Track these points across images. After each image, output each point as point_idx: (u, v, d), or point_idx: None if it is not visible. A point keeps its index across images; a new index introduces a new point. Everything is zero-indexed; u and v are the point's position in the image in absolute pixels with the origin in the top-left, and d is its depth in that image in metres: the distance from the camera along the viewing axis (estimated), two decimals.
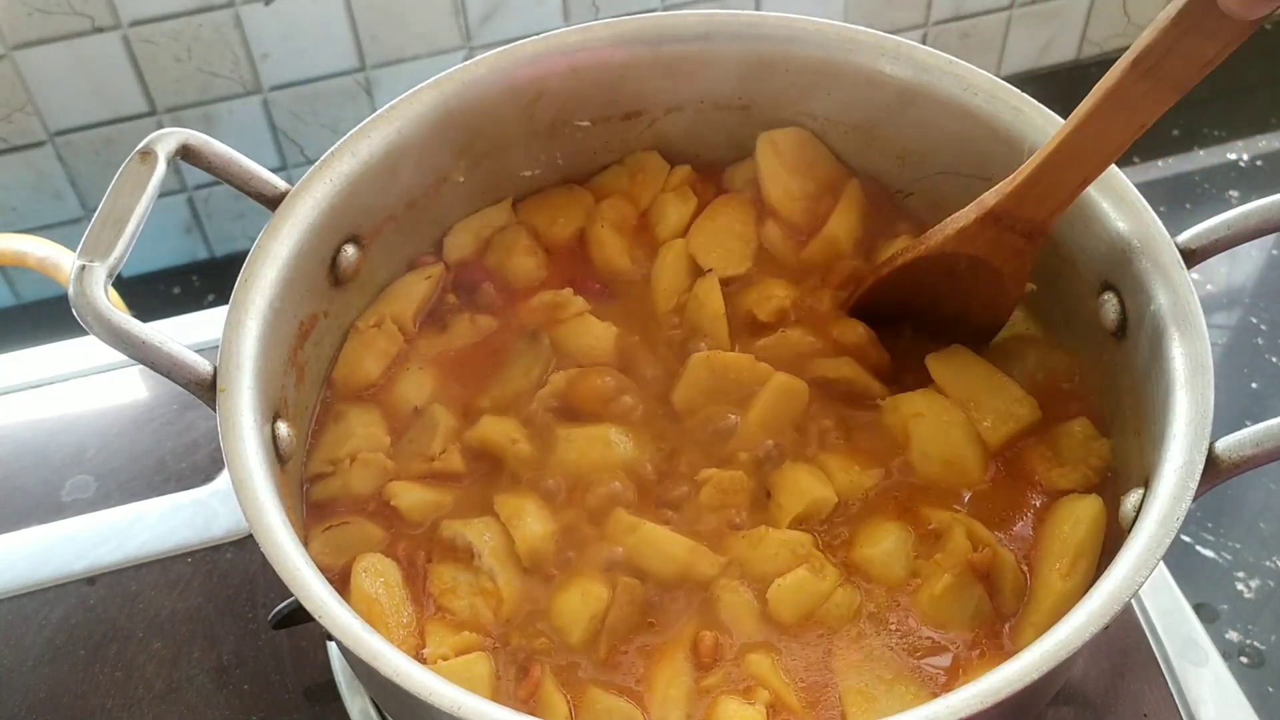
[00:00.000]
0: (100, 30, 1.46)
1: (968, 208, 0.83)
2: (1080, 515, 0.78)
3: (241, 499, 0.70)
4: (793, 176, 0.97)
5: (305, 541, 0.80)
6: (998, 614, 0.78)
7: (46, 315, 1.63)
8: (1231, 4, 0.64)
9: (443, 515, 0.84)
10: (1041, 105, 0.86)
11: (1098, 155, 0.76)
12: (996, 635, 0.77)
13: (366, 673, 0.75)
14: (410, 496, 0.83)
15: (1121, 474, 0.82)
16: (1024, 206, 0.80)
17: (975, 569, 0.78)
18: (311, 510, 0.84)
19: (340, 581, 0.79)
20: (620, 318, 0.93)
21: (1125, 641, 0.92)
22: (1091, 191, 0.83)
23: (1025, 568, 0.80)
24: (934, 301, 0.89)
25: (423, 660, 0.76)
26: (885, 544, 0.81)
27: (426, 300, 0.94)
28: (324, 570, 0.70)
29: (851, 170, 0.98)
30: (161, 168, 0.77)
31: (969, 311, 0.88)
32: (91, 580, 0.98)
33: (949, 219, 0.85)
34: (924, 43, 1.19)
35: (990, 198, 0.81)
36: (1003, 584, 0.79)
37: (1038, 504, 0.82)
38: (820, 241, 0.95)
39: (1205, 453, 0.69)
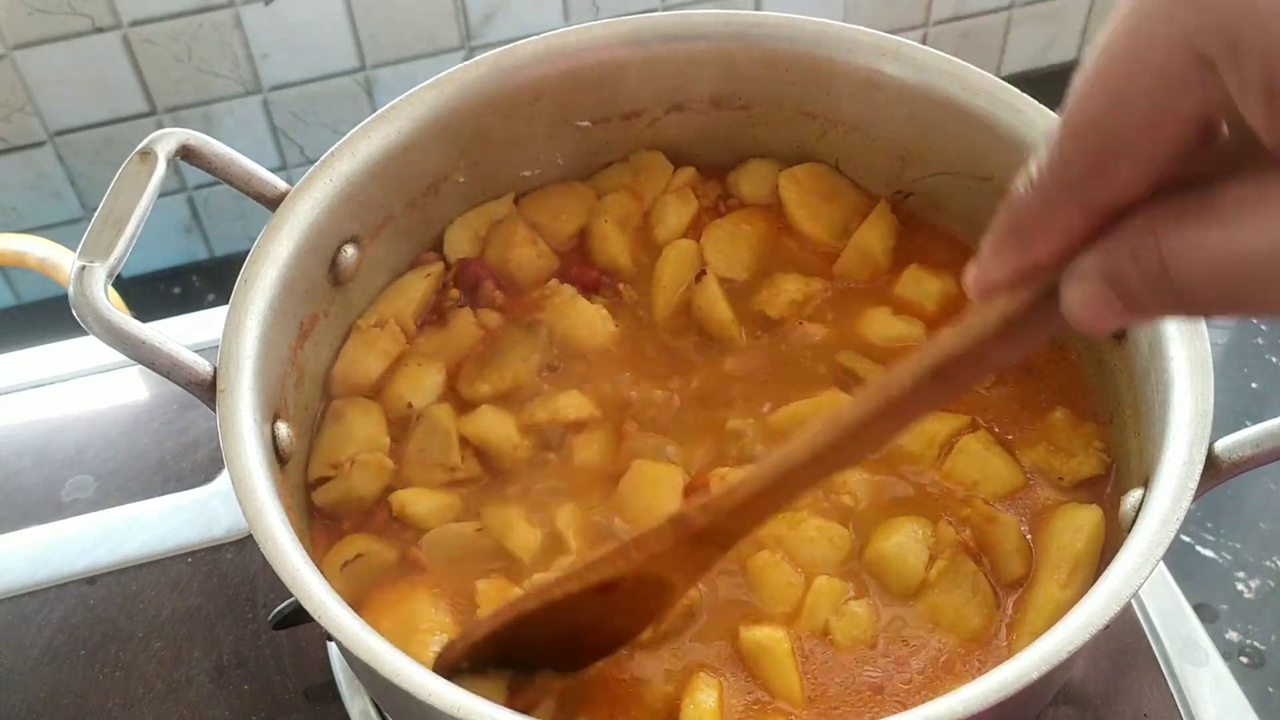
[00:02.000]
0: (100, 30, 1.46)
1: (658, 527, 0.66)
2: (1080, 524, 0.78)
3: (241, 499, 0.70)
4: (821, 203, 0.97)
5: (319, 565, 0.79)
6: (1000, 587, 0.79)
7: (46, 315, 1.63)
8: (1083, 316, 0.46)
9: (453, 518, 0.83)
10: (1041, 105, 0.86)
11: (838, 464, 0.61)
12: (992, 637, 0.78)
13: (366, 673, 0.75)
14: (424, 504, 0.83)
15: (1121, 474, 0.82)
16: (734, 520, 0.64)
17: (966, 549, 0.79)
18: (317, 515, 0.84)
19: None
20: (622, 314, 0.93)
21: (1125, 641, 0.92)
22: None
23: (1030, 538, 0.80)
24: (569, 628, 0.72)
25: None
26: (898, 537, 0.80)
27: (427, 298, 0.94)
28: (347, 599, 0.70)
29: (876, 195, 0.98)
30: (161, 168, 0.77)
31: (604, 623, 0.73)
32: (91, 580, 0.98)
33: (629, 546, 0.67)
34: (924, 43, 1.19)
35: (699, 516, 0.65)
36: (1006, 548, 0.79)
37: (1050, 503, 0.82)
38: (852, 251, 0.94)
39: (1205, 453, 0.69)
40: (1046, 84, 0.66)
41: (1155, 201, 0.43)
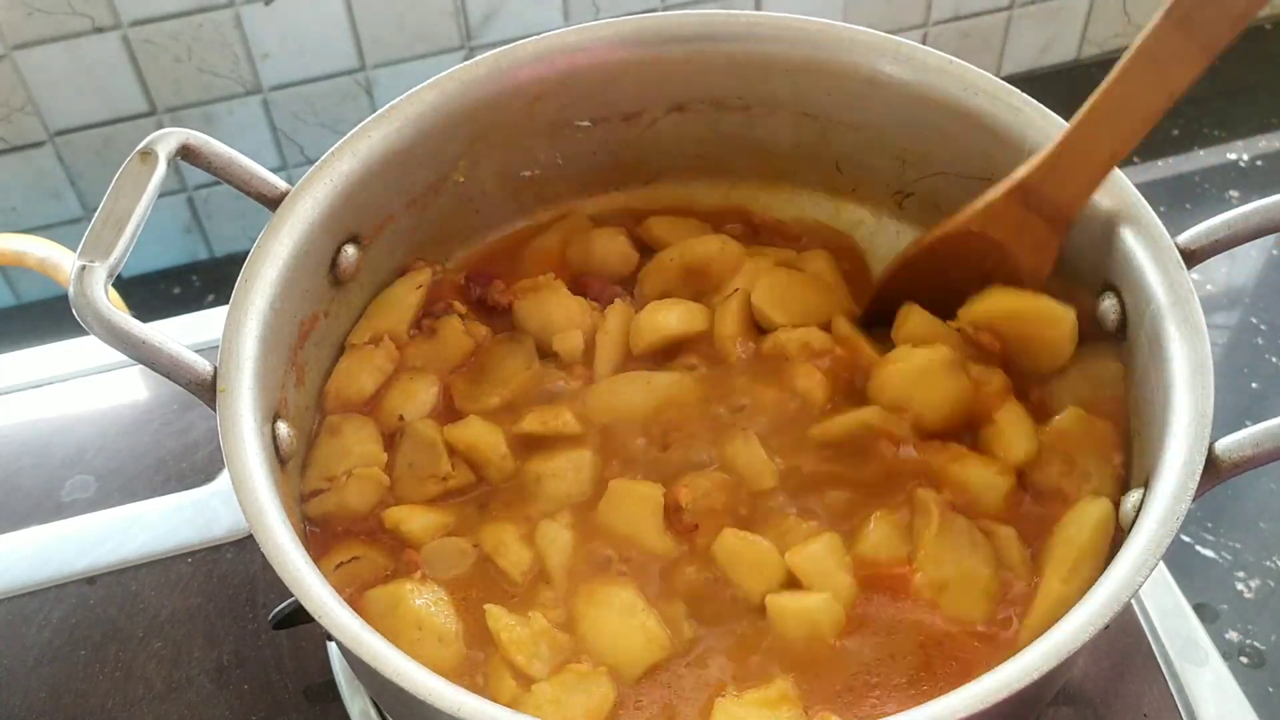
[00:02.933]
0: (100, 30, 1.46)
1: (997, 186, 0.83)
2: (1084, 519, 0.77)
3: (241, 499, 0.70)
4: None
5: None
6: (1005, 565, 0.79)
7: (46, 315, 1.63)
8: None
9: (448, 534, 0.83)
10: (1041, 105, 0.86)
11: (1128, 124, 0.76)
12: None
13: (367, 673, 0.75)
14: (418, 521, 0.83)
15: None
16: (1054, 182, 0.80)
17: (953, 507, 0.80)
18: (309, 525, 0.84)
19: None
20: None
21: (1125, 641, 0.92)
22: None
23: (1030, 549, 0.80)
24: (945, 296, 0.87)
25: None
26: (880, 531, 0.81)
27: (419, 311, 0.93)
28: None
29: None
30: (161, 168, 0.77)
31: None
32: (91, 580, 0.98)
33: (978, 200, 0.84)
34: (924, 43, 1.19)
35: (1021, 170, 0.81)
36: (1008, 557, 0.79)
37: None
38: None
39: (1205, 453, 0.69)
40: (1046, 84, 0.66)
41: None
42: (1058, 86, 1.79)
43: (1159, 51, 0.73)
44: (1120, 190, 0.82)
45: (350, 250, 0.88)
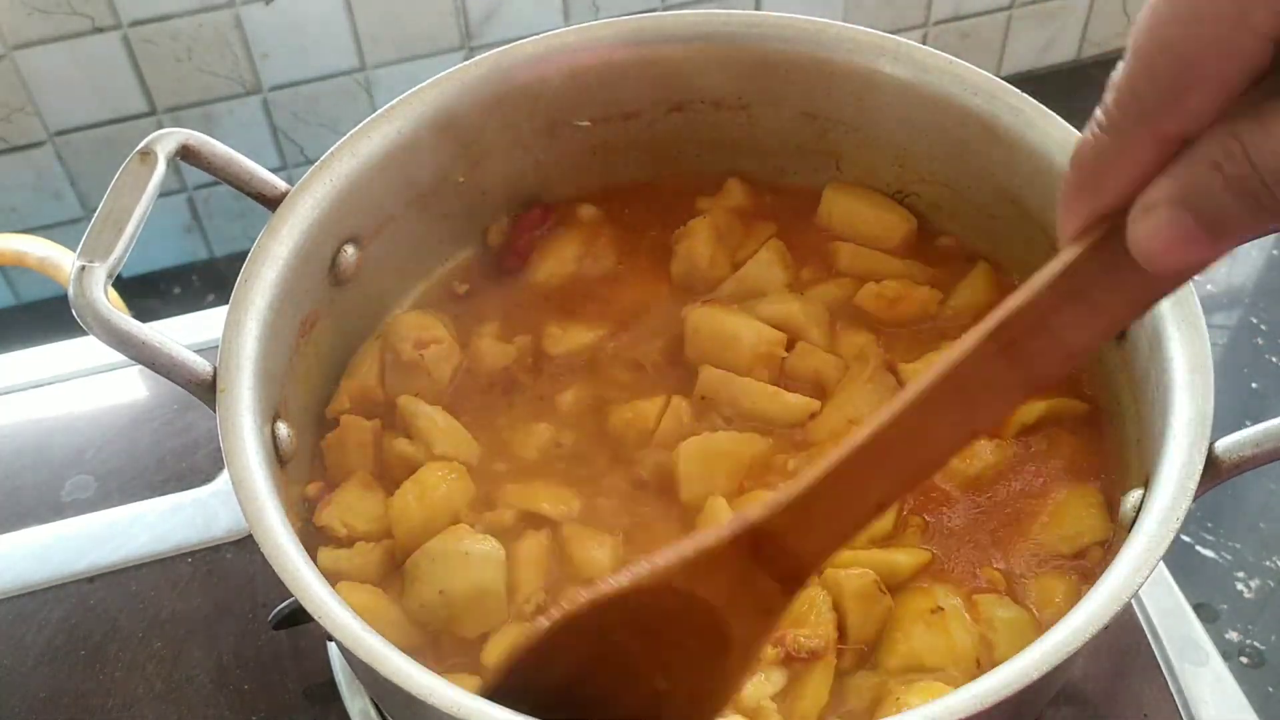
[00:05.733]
0: (100, 30, 1.46)
1: (716, 530, 0.57)
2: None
3: (241, 499, 0.70)
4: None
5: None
6: None
7: (46, 315, 1.63)
8: (1155, 249, 0.44)
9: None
10: (1041, 105, 0.86)
11: (915, 462, 0.54)
12: None
13: (366, 673, 0.75)
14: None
15: (1121, 474, 0.82)
16: (800, 531, 0.56)
17: None
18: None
19: None
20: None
21: (1125, 641, 0.92)
22: None
23: None
24: (615, 677, 0.61)
25: None
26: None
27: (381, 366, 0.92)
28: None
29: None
30: (161, 168, 0.77)
31: (660, 698, 0.61)
32: (91, 580, 0.98)
33: (687, 543, 0.58)
34: (924, 43, 1.19)
35: (755, 511, 0.56)
36: None
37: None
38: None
39: (1205, 453, 0.69)
40: (1046, 84, 0.65)
41: (1223, 119, 0.42)
42: (1058, 86, 1.79)
43: (972, 380, 0.51)
44: None
45: (350, 250, 0.88)
